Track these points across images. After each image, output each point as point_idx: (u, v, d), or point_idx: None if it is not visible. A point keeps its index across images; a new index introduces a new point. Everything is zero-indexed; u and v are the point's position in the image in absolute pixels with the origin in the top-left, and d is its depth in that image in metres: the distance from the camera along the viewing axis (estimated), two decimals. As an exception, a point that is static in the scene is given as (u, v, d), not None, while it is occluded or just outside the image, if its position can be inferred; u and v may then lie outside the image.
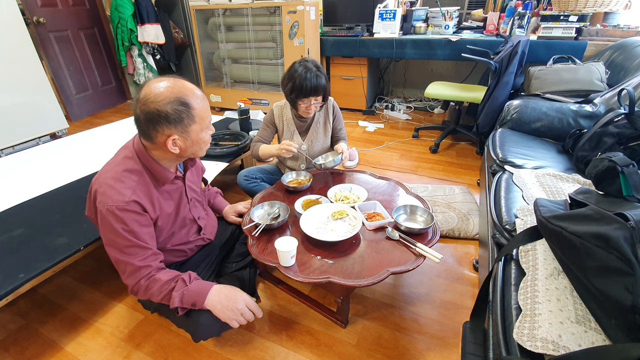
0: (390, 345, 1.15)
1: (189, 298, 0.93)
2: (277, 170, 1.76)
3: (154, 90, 0.85)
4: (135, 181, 0.92)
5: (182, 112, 0.86)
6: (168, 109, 0.84)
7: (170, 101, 0.84)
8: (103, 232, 0.91)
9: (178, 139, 0.89)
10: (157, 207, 0.98)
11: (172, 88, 0.86)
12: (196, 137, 0.92)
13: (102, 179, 0.91)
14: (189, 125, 0.89)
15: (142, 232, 0.93)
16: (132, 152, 0.95)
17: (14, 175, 1.66)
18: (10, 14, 2.59)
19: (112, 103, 4.06)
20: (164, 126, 0.86)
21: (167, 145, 0.89)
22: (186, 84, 0.89)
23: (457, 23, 3.24)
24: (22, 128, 2.77)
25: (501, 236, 1.04)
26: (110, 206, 0.87)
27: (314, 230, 1.14)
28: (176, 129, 0.87)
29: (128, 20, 3.35)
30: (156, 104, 0.83)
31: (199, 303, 0.94)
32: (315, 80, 1.39)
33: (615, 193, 0.80)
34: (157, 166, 0.96)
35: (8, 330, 1.24)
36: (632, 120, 1.29)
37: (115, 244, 0.91)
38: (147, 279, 0.93)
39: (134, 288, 0.94)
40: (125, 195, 0.89)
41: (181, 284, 0.94)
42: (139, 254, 0.92)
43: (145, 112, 0.85)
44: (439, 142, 2.59)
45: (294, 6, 2.86)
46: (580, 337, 0.62)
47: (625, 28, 2.24)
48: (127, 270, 0.93)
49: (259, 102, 3.49)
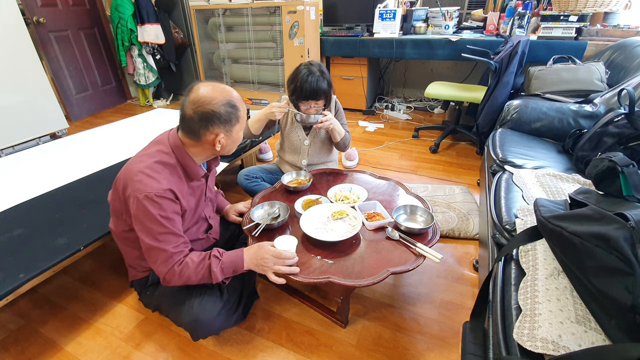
0: (390, 345, 1.15)
1: (228, 269, 1.00)
2: (277, 170, 1.76)
3: (206, 94, 0.93)
4: (169, 173, 0.97)
5: (232, 114, 0.96)
6: (222, 110, 0.93)
7: (224, 103, 0.94)
8: (138, 220, 0.93)
9: (223, 137, 0.97)
10: (185, 201, 1.02)
11: (223, 92, 0.95)
12: (236, 136, 1.02)
13: (137, 168, 0.94)
14: (234, 125, 0.98)
15: (176, 220, 0.97)
16: (168, 146, 1.00)
17: (14, 175, 1.65)
18: (10, 14, 2.59)
19: (112, 103, 4.06)
20: (216, 125, 0.94)
21: (215, 142, 0.97)
22: (229, 88, 0.99)
23: (457, 23, 3.24)
24: (22, 128, 2.76)
25: (501, 236, 1.04)
26: (149, 193, 0.90)
27: (314, 230, 1.14)
28: (224, 128, 0.96)
29: (128, 20, 3.36)
30: (212, 105, 0.92)
31: (239, 269, 1.01)
32: (316, 84, 1.38)
33: (615, 193, 0.80)
34: (190, 162, 1.02)
35: (8, 330, 1.24)
36: (632, 120, 1.29)
37: (151, 231, 0.93)
38: (179, 265, 0.96)
39: (167, 275, 0.96)
40: (163, 183, 0.93)
41: (215, 260, 0.99)
42: (172, 240, 0.95)
43: (200, 112, 0.92)
44: (439, 142, 2.59)
45: (294, 6, 2.86)
46: (580, 337, 0.62)
47: (625, 28, 2.24)
48: (160, 258, 0.94)
49: (259, 102, 3.49)
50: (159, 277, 0.98)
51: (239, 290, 1.19)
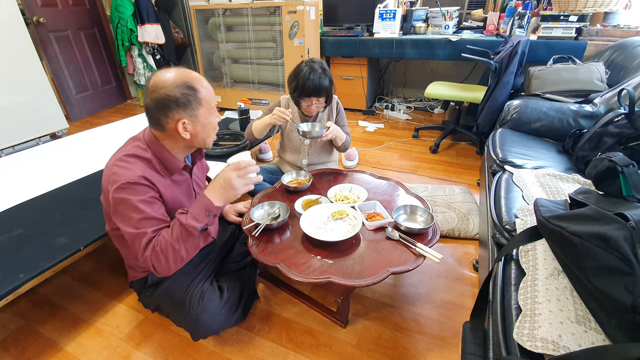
0: (390, 345, 1.15)
1: (200, 214, 0.91)
2: (277, 170, 1.76)
3: (161, 78, 0.89)
4: (143, 165, 0.94)
5: (190, 96, 0.90)
6: (176, 93, 0.88)
7: (178, 85, 0.88)
8: (118, 211, 0.91)
9: (188, 123, 0.92)
10: (168, 194, 0.99)
11: (179, 74, 0.90)
12: (205, 121, 0.95)
13: (112, 163, 0.93)
14: (197, 109, 0.92)
15: (156, 204, 0.94)
16: (143, 142, 0.98)
17: (14, 175, 1.66)
18: (10, 14, 2.59)
19: (112, 103, 4.06)
20: (174, 111, 0.90)
21: (178, 129, 0.92)
22: (191, 71, 0.94)
23: (457, 23, 3.24)
24: (22, 128, 2.76)
25: (501, 236, 1.04)
26: (122, 182, 0.88)
27: (314, 230, 1.14)
28: (185, 113, 0.91)
29: (128, 20, 3.35)
30: (165, 89, 0.88)
31: (210, 207, 0.92)
32: (318, 81, 1.39)
33: (615, 193, 0.80)
34: (167, 154, 0.99)
35: (8, 330, 1.24)
36: (632, 120, 1.29)
37: (130, 220, 0.89)
38: (157, 243, 0.90)
39: (153, 261, 0.89)
40: (136, 172, 0.91)
41: (181, 215, 0.92)
42: (151, 224, 0.91)
43: (155, 99, 0.89)
44: (439, 142, 2.59)
45: (294, 6, 2.86)
46: (580, 337, 0.62)
47: (625, 28, 2.24)
48: (142, 244, 0.89)
49: (259, 102, 3.49)
50: (151, 271, 0.92)
51: (239, 290, 1.19)
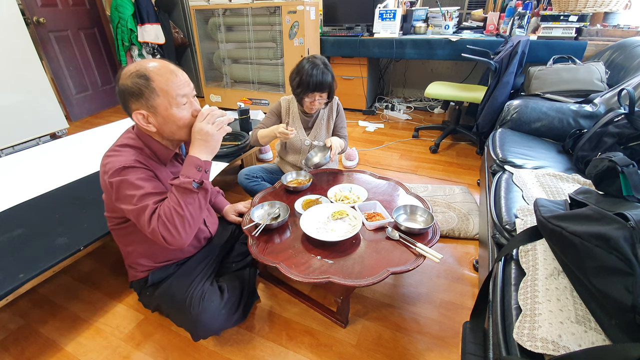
0: (390, 345, 1.15)
1: (190, 171, 0.90)
2: (278, 170, 1.77)
3: (124, 69, 0.89)
4: (135, 152, 0.95)
5: (141, 85, 0.86)
6: (128, 82, 0.86)
7: (131, 74, 0.86)
8: (119, 194, 0.90)
9: (148, 115, 0.89)
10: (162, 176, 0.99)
11: (137, 64, 0.88)
12: (165, 113, 0.90)
13: (106, 154, 0.94)
14: (153, 100, 0.87)
15: (153, 182, 0.94)
16: (134, 134, 0.99)
17: (14, 175, 1.65)
18: (10, 14, 2.59)
19: (112, 103, 4.05)
20: (130, 101, 0.88)
21: (138, 121, 0.90)
22: (155, 61, 0.90)
23: (457, 23, 3.24)
24: (22, 128, 2.76)
25: (501, 236, 1.04)
26: (119, 167, 0.89)
27: (314, 230, 1.14)
28: (140, 103, 0.88)
29: (128, 20, 3.35)
30: (121, 79, 0.88)
31: (197, 161, 0.91)
32: (321, 76, 1.40)
33: (615, 193, 0.80)
34: (156, 144, 0.98)
35: (8, 330, 1.24)
36: (632, 120, 1.29)
37: (132, 198, 0.89)
38: (162, 212, 0.89)
39: (162, 231, 0.88)
40: (129, 157, 0.91)
41: (175, 179, 0.91)
42: (153, 198, 0.91)
43: (116, 91, 0.90)
44: (439, 142, 2.59)
45: (294, 6, 2.86)
46: (580, 337, 0.62)
47: (625, 28, 2.24)
48: (146, 217, 0.88)
49: (259, 102, 3.49)
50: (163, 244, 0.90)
51: (239, 290, 1.19)
